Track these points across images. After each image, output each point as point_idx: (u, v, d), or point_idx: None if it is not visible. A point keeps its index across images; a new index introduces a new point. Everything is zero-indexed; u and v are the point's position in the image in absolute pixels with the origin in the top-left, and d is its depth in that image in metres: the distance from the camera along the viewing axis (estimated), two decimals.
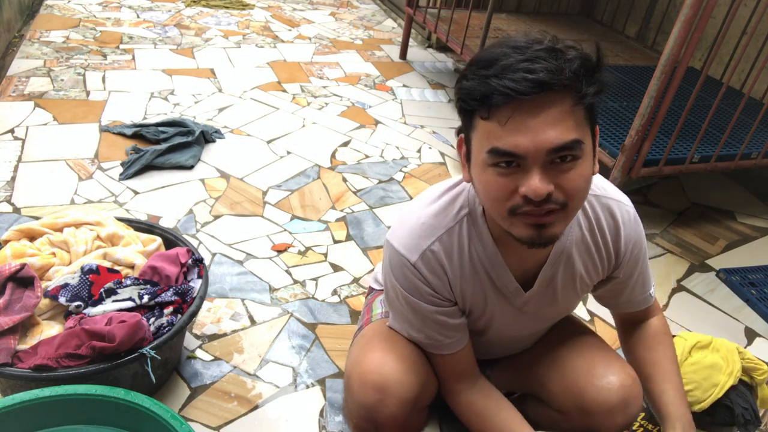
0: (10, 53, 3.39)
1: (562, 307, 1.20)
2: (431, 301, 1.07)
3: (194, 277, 1.63)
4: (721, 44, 2.13)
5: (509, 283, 1.08)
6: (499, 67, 0.81)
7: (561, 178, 0.84)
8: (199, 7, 4.56)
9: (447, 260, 1.04)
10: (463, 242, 1.04)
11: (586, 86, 0.83)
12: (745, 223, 2.72)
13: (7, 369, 1.31)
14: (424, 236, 1.03)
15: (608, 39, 3.94)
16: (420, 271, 1.03)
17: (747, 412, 1.38)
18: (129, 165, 2.48)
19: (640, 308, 1.25)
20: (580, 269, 1.11)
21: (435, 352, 1.14)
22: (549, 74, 0.79)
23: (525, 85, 0.78)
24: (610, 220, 1.09)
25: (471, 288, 1.08)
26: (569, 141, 0.82)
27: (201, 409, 1.57)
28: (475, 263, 1.05)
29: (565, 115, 0.82)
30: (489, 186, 0.88)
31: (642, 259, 1.17)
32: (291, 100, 3.29)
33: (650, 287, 1.23)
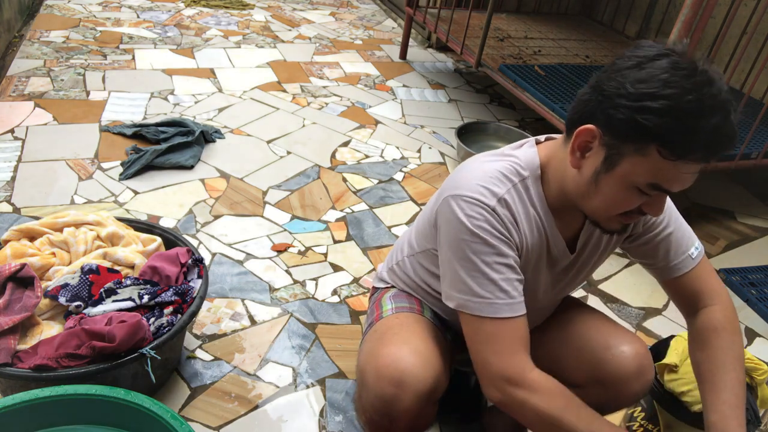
0: (10, 53, 3.39)
1: (585, 273, 1.24)
2: (509, 244, 1.03)
3: (194, 277, 1.63)
4: (721, 44, 2.13)
5: (559, 242, 1.13)
6: (712, 123, 0.87)
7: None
8: (199, 7, 4.56)
9: (518, 215, 1.05)
10: (526, 201, 1.07)
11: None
12: (745, 223, 2.72)
13: (7, 369, 1.31)
14: (496, 185, 1.04)
15: (608, 39, 3.94)
16: (499, 214, 1.02)
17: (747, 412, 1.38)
18: (129, 165, 2.48)
19: (683, 271, 1.17)
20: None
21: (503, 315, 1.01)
22: (732, 143, 0.91)
23: (720, 148, 0.90)
24: None
25: (529, 247, 1.10)
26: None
27: (201, 409, 1.57)
28: (535, 222, 1.09)
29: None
30: (623, 200, 0.97)
31: (668, 215, 1.17)
32: (291, 100, 3.29)
33: (690, 247, 1.18)
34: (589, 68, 3.28)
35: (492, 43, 3.47)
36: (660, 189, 0.94)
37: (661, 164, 0.91)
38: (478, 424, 1.62)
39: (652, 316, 2.10)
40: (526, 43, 3.62)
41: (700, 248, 1.19)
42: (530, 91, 2.87)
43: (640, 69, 0.89)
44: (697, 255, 1.18)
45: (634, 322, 2.06)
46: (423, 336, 1.18)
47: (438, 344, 1.20)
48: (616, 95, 0.90)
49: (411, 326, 1.21)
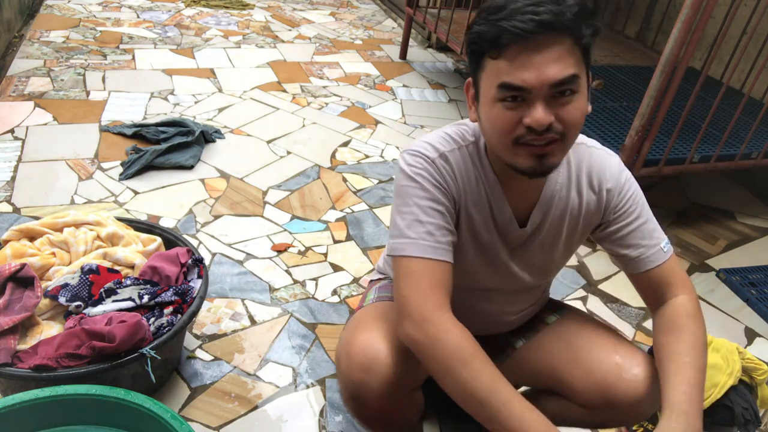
0: (10, 53, 3.39)
1: (543, 258, 1.21)
2: (444, 193, 1.09)
3: (194, 277, 1.63)
4: (721, 44, 2.13)
5: (504, 210, 1.13)
6: (507, 11, 0.91)
7: (560, 110, 0.95)
8: (199, 7, 4.56)
9: (458, 172, 1.10)
10: (470, 163, 1.11)
11: (585, 28, 0.94)
12: (745, 223, 2.72)
13: (7, 369, 1.31)
14: (441, 144, 1.11)
15: (608, 39, 3.94)
16: (438, 165, 1.08)
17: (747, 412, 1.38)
18: (129, 165, 2.48)
19: (654, 264, 1.15)
20: (569, 211, 1.16)
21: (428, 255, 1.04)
22: (553, 16, 0.90)
23: (531, 26, 0.89)
24: (599, 164, 1.15)
25: (472, 211, 1.13)
26: (569, 76, 0.93)
27: (201, 409, 1.57)
28: (480, 186, 1.12)
29: (565, 53, 0.93)
30: (496, 119, 0.97)
31: (640, 207, 1.16)
32: (291, 100, 3.29)
33: (660, 240, 1.16)
34: None
35: None
36: (510, 87, 0.93)
37: (495, 66, 0.95)
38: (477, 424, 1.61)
39: None
40: None
41: (669, 243, 1.19)
42: None
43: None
44: (667, 248, 1.17)
45: (634, 322, 2.06)
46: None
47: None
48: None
49: (387, 314, 1.21)
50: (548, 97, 0.93)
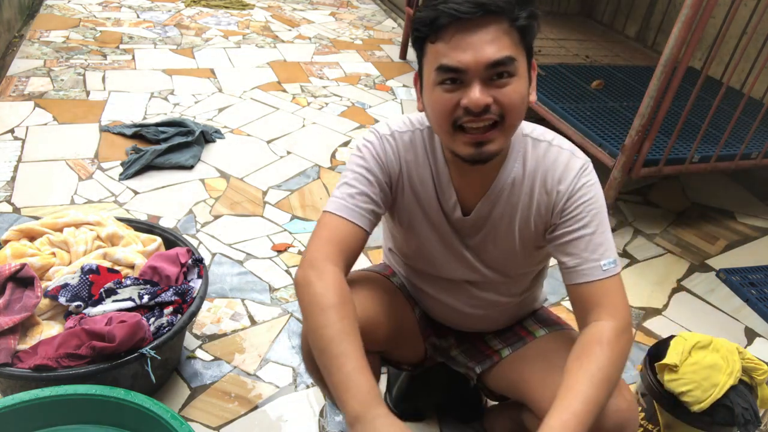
0: (10, 53, 3.39)
1: (501, 253, 1.19)
2: (381, 167, 1.14)
3: (194, 277, 1.63)
4: (721, 44, 2.13)
5: (450, 197, 1.15)
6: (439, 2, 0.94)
7: (498, 93, 0.96)
8: (199, 7, 4.56)
9: (404, 152, 1.15)
10: (419, 145, 1.16)
11: (519, 10, 0.96)
12: (745, 223, 2.72)
13: (7, 369, 1.31)
14: (397, 125, 1.17)
15: (608, 39, 3.94)
16: (383, 141, 1.15)
17: (747, 412, 1.38)
18: (129, 165, 2.48)
19: (588, 279, 1.08)
20: (520, 209, 1.14)
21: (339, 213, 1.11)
22: (478, 3, 0.92)
23: (466, 7, 0.92)
24: (557, 165, 1.11)
25: (419, 192, 1.17)
26: (504, 57, 0.95)
27: (201, 409, 1.57)
28: (426, 170, 1.15)
29: (501, 34, 0.95)
30: (436, 103, 1.00)
31: (591, 216, 1.09)
32: (291, 100, 3.29)
33: (604, 258, 1.08)
34: (589, 68, 3.28)
35: None
36: (448, 69, 0.96)
37: (434, 49, 0.97)
38: (478, 423, 1.62)
39: (652, 316, 2.10)
40: None
41: (616, 266, 1.10)
42: None
43: None
44: (609, 268, 1.09)
45: (634, 322, 2.06)
46: (371, 287, 1.24)
47: (388, 302, 1.25)
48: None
49: (363, 279, 1.27)
50: (485, 78, 0.95)
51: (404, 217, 1.22)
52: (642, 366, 1.54)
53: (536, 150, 1.12)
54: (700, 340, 1.47)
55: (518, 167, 1.12)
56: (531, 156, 1.13)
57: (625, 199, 2.74)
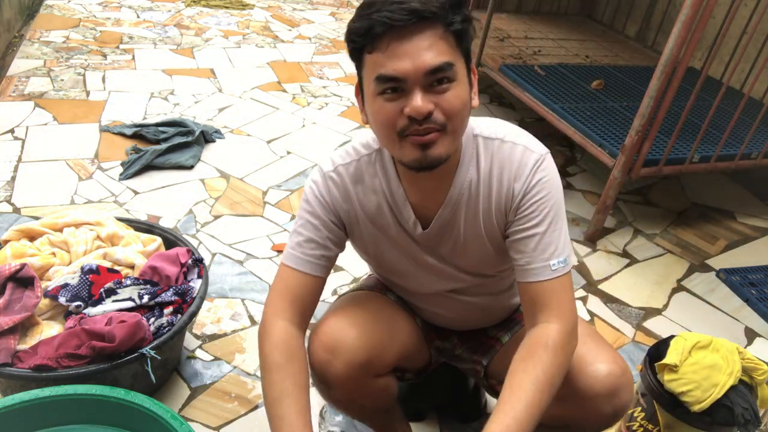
0: (10, 53, 3.39)
1: (474, 256, 1.18)
2: (327, 209, 1.15)
3: (194, 277, 1.63)
4: (721, 44, 2.13)
5: (408, 216, 1.14)
6: (378, 3, 0.93)
7: (439, 99, 0.95)
8: (199, 7, 4.56)
9: (353, 184, 1.14)
10: (370, 172, 1.14)
11: (453, 15, 0.95)
12: (745, 223, 2.72)
13: (7, 369, 1.31)
14: (342, 157, 1.16)
15: (608, 39, 3.94)
16: (326, 180, 1.15)
17: (747, 412, 1.38)
18: (129, 165, 2.48)
19: (537, 278, 1.08)
20: (482, 212, 1.12)
21: (288, 263, 1.15)
22: (420, 3, 0.92)
23: (399, 14, 0.91)
24: (511, 162, 1.09)
25: (376, 219, 1.16)
26: (443, 62, 0.94)
27: (201, 409, 1.57)
28: (379, 195, 1.14)
29: (437, 40, 0.94)
30: (379, 114, 0.98)
31: (544, 215, 1.07)
32: (291, 100, 3.29)
33: (554, 256, 1.08)
34: (589, 68, 3.28)
35: (492, 43, 3.47)
36: (386, 78, 0.95)
37: (371, 59, 0.96)
38: (478, 423, 1.61)
39: (652, 316, 2.10)
40: (526, 43, 3.62)
41: (567, 264, 1.09)
42: (530, 91, 2.87)
43: None
44: (557, 268, 1.08)
45: (634, 322, 2.06)
46: (370, 309, 1.23)
47: (390, 319, 1.25)
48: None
49: (362, 302, 1.26)
50: (426, 85, 0.94)
51: (369, 247, 1.22)
52: (642, 366, 1.54)
53: (488, 149, 1.10)
54: (700, 340, 1.47)
55: (473, 170, 1.10)
56: (484, 157, 1.10)
57: (625, 199, 2.74)
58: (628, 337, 1.99)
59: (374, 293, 1.34)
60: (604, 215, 2.40)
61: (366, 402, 1.25)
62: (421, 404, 1.63)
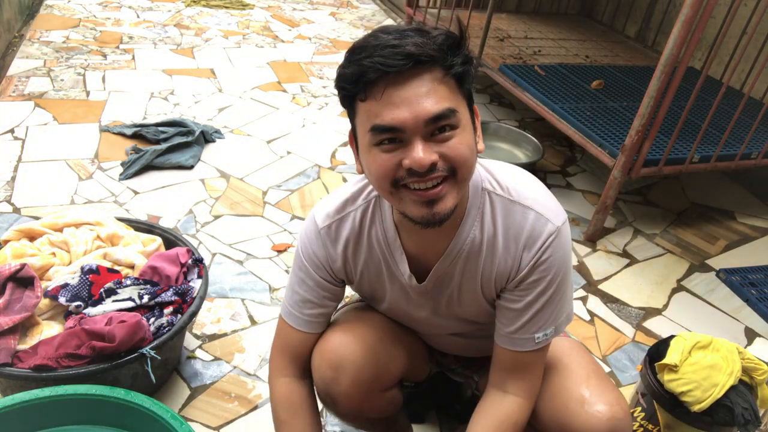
0: (10, 53, 3.39)
1: (470, 310, 1.15)
2: (317, 266, 1.12)
3: (194, 277, 1.63)
4: (721, 44, 2.13)
5: (404, 270, 1.09)
6: (369, 48, 0.86)
7: (443, 147, 0.88)
8: (199, 7, 4.56)
9: (349, 236, 1.10)
10: (365, 223, 1.09)
11: (452, 57, 0.87)
12: (745, 223, 2.72)
13: (7, 369, 1.31)
14: (337, 210, 1.10)
15: (608, 39, 3.94)
16: (318, 238, 1.11)
17: (747, 412, 1.38)
18: (129, 165, 2.48)
19: (517, 348, 1.07)
20: (481, 272, 1.06)
21: (289, 321, 1.17)
22: (416, 47, 0.84)
23: (394, 59, 0.83)
24: (522, 229, 1.02)
25: (371, 270, 1.12)
26: (444, 109, 0.86)
27: (201, 409, 1.57)
28: (373, 246, 1.09)
29: (437, 85, 0.86)
30: (374, 165, 0.91)
31: (546, 292, 1.03)
32: (291, 100, 3.29)
33: (541, 330, 1.05)
34: (589, 68, 3.28)
35: (492, 43, 3.47)
36: (383, 129, 0.87)
37: (365, 108, 0.89)
38: None
39: (652, 316, 2.10)
40: (526, 43, 3.62)
41: (550, 334, 1.07)
42: (530, 91, 2.87)
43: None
44: (541, 341, 1.06)
45: (634, 322, 2.06)
46: (375, 325, 1.21)
47: (394, 335, 1.23)
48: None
49: (365, 316, 1.23)
50: (427, 134, 0.86)
51: (366, 293, 1.20)
52: (642, 366, 1.54)
53: (497, 208, 1.02)
54: (700, 340, 1.47)
55: (477, 228, 1.03)
56: (490, 216, 1.03)
57: (625, 199, 2.74)
58: (628, 337, 1.99)
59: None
60: (604, 215, 2.40)
61: (373, 414, 1.24)
62: (421, 406, 1.63)
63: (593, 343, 1.94)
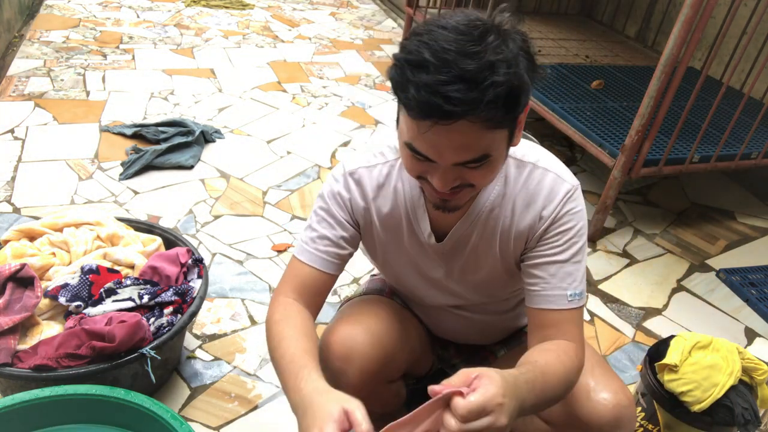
0: (10, 53, 3.39)
1: (484, 275, 1.17)
2: (340, 206, 1.13)
3: (194, 277, 1.63)
4: (721, 44, 2.13)
5: (424, 228, 1.11)
6: (423, 78, 0.80)
7: (468, 174, 0.90)
8: (199, 7, 4.56)
9: (373, 188, 1.12)
10: (392, 176, 1.11)
11: (504, 113, 0.83)
12: (745, 223, 2.72)
13: (7, 369, 1.31)
14: (366, 159, 1.13)
15: (608, 39, 3.94)
16: (347, 180, 1.12)
17: (747, 412, 1.38)
18: (129, 165, 2.48)
19: (551, 306, 1.06)
20: (500, 233, 1.09)
21: (300, 257, 1.14)
22: (464, 107, 0.80)
23: (439, 114, 0.80)
24: (541, 188, 1.06)
25: (391, 222, 1.14)
26: (478, 156, 0.87)
27: (201, 409, 1.57)
28: (399, 199, 1.12)
29: (482, 132, 0.84)
30: (404, 158, 0.95)
31: (569, 245, 1.05)
32: (291, 100, 3.29)
33: (571, 287, 1.06)
34: (589, 68, 3.28)
35: None
36: (416, 152, 0.88)
37: (408, 121, 0.87)
38: None
39: (652, 316, 2.10)
40: None
41: (581, 299, 1.07)
42: None
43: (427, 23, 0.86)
44: (574, 300, 1.07)
45: (634, 322, 2.06)
46: (381, 316, 1.22)
47: (399, 326, 1.23)
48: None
49: (372, 308, 1.24)
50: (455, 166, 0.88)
51: (378, 253, 1.21)
52: (642, 366, 1.54)
53: (520, 172, 1.06)
54: (700, 340, 1.47)
55: (498, 189, 1.07)
56: (513, 178, 1.07)
57: (625, 199, 2.74)
58: (628, 337, 1.99)
59: (383, 297, 1.32)
60: (604, 215, 2.40)
61: (378, 407, 1.23)
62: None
63: (593, 343, 1.94)
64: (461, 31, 0.81)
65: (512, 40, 0.84)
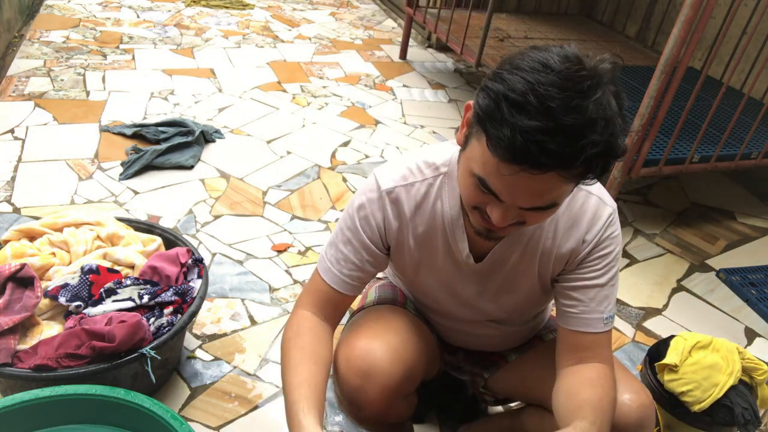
0: (10, 53, 3.39)
1: (520, 295, 1.16)
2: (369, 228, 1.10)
3: (194, 277, 1.63)
4: (721, 44, 2.13)
5: (463, 249, 1.09)
6: (523, 122, 0.76)
7: (527, 215, 0.89)
8: (199, 7, 4.56)
9: (410, 208, 1.09)
10: (430, 195, 1.08)
11: (594, 172, 0.82)
12: (745, 223, 2.72)
13: (7, 369, 1.31)
14: (403, 177, 1.08)
15: (608, 39, 3.94)
16: (382, 200, 1.08)
17: (747, 412, 1.38)
18: (129, 165, 2.48)
19: (588, 329, 1.07)
20: (540, 252, 1.08)
21: (324, 276, 1.14)
22: (558, 160, 0.77)
23: (532, 162, 0.78)
24: (585, 211, 1.06)
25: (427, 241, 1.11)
26: (547, 204, 0.86)
27: (201, 409, 1.57)
28: (437, 218, 1.09)
29: (558, 185, 0.83)
30: (465, 186, 0.92)
31: (607, 269, 1.07)
32: (291, 100, 3.29)
33: (607, 310, 1.08)
34: None
35: (492, 43, 3.47)
36: (486, 187, 0.85)
37: (487, 156, 0.82)
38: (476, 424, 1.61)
39: (652, 316, 2.10)
40: (526, 43, 3.62)
41: (612, 321, 1.10)
42: None
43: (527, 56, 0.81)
44: (608, 322, 1.09)
45: (634, 322, 2.06)
46: (399, 330, 1.20)
47: (416, 338, 1.22)
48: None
49: (388, 319, 1.22)
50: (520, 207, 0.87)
51: (408, 270, 1.18)
52: (642, 366, 1.54)
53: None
54: (700, 340, 1.47)
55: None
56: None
57: (625, 199, 2.74)
58: (628, 337, 1.99)
59: (397, 308, 1.30)
60: None
61: (393, 419, 1.23)
62: (421, 406, 1.62)
63: None
64: (567, 77, 0.77)
65: (613, 97, 0.82)
